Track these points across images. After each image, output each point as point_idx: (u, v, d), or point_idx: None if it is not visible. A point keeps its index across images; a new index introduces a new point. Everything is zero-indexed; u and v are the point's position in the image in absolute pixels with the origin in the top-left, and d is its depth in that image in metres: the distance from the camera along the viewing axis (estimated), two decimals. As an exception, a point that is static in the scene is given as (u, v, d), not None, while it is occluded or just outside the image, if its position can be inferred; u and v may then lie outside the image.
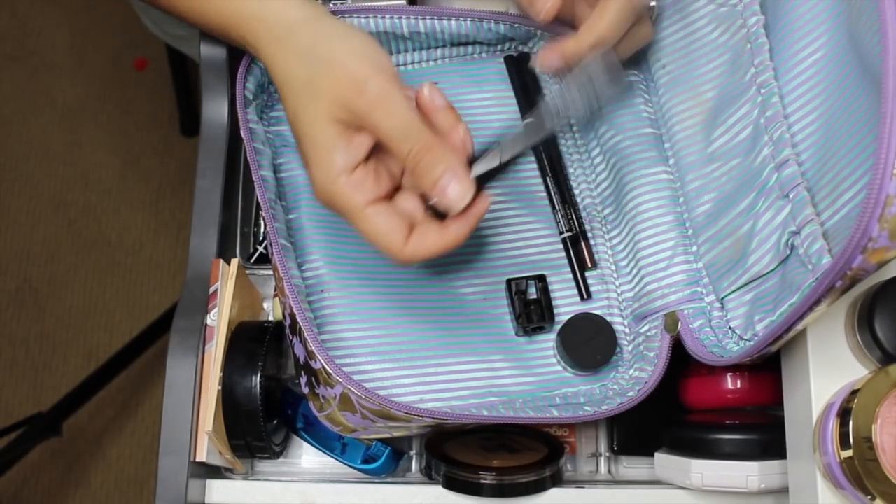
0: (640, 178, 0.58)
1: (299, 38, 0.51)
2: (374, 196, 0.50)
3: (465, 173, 0.49)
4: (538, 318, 0.58)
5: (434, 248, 0.50)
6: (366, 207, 0.50)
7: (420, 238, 0.50)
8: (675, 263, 0.56)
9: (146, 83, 1.50)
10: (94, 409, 1.36)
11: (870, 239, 0.39)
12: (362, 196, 0.50)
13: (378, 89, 0.49)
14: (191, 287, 0.59)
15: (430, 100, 0.52)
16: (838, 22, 0.47)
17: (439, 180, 0.48)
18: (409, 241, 0.50)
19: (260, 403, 0.56)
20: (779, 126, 0.51)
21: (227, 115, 0.62)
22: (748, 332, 0.52)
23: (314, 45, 0.51)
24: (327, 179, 0.50)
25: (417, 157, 0.48)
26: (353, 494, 0.58)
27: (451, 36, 0.61)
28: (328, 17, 0.53)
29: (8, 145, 1.48)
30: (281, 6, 0.52)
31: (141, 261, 1.43)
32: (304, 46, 0.51)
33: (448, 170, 0.49)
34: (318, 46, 0.51)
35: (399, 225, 0.50)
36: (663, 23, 0.59)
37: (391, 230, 0.50)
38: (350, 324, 0.56)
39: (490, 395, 0.57)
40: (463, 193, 0.49)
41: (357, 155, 0.50)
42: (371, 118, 0.49)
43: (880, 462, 0.44)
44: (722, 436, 0.54)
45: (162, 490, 0.55)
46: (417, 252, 0.50)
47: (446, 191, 0.49)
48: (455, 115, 0.52)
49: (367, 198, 0.50)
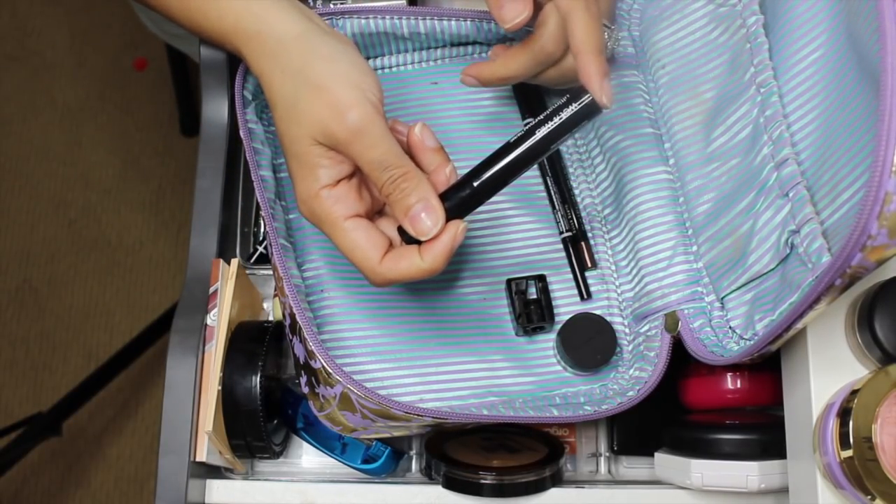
0: (640, 178, 0.58)
1: (290, 56, 0.51)
2: (354, 211, 0.50)
3: (437, 204, 0.49)
4: (538, 318, 0.58)
5: (409, 271, 0.50)
6: (345, 221, 0.50)
7: (396, 259, 0.50)
8: (675, 263, 0.56)
9: (146, 83, 1.50)
10: (94, 409, 1.36)
11: (869, 237, 0.39)
12: (342, 209, 0.50)
13: (359, 120, 0.49)
14: (191, 287, 0.59)
15: (420, 139, 0.52)
16: (837, 21, 0.47)
17: (411, 209, 0.49)
18: (385, 259, 0.50)
19: (260, 403, 0.56)
20: (778, 125, 0.51)
21: (227, 115, 0.63)
22: (748, 332, 0.52)
23: (303, 66, 0.51)
24: (310, 193, 0.50)
25: (393, 186, 0.49)
26: (353, 494, 0.58)
27: (451, 36, 0.61)
28: (320, 35, 0.52)
29: (8, 145, 1.48)
30: (274, 20, 0.52)
31: (141, 261, 1.43)
32: (293, 66, 0.51)
33: (421, 200, 0.49)
34: (306, 68, 0.51)
35: (377, 242, 0.50)
36: (662, 23, 0.59)
37: (368, 246, 0.50)
38: (350, 323, 0.56)
39: (490, 395, 0.57)
40: (433, 223, 0.49)
41: (340, 171, 0.50)
42: (351, 148, 0.49)
43: (880, 462, 0.44)
44: (722, 436, 0.54)
45: (162, 490, 0.55)
46: (392, 271, 0.50)
47: (417, 219, 0.49)
48: (444, 157, 0.52)
49: (347, 212, 0.50)
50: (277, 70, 0.52)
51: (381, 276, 0.50)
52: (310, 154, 0.50)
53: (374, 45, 0.61)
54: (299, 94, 0.50)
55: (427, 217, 0.49)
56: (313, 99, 0.50)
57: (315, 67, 0.51)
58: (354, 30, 0.59)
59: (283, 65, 0.51)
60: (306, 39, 0.52)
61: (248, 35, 0.53)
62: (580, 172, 0.62)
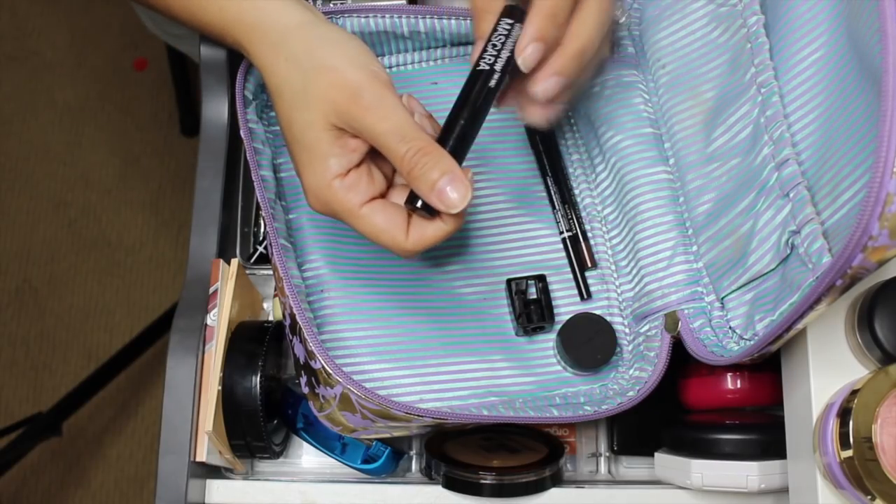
0: (640, 178, 0.58)
1: (294, 44, 0.51)
2: (368, 196, 0.50)
3: (462, 175, 0.49)
4: (538, 318, 0.58)
5: (436, 234, 0.50)
6: (361, 207, 0.50)
7: (420, 228, 0.50)
8: (675, 263, 0.56)
9: (146, 83, 1.50)
10: (94, 409, 1.36)
11: (870, 237, 0.39)
12: (357, 197, 0.50)
13: (373, 95, 0.49)
14: (191, 287, 0.59)
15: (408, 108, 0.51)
16: (838, 21, 0.47)
17: (437, 183, 0.48)
18: (410, 232, 0.50)
19: (260, 403, 0.56)
20: (779, 125, 0.51)
21: (227, 115, 0.63)
22: (748, 332, 0.52)
23: (309, 52, 0.51)
24: (322, 184, 0.50)
25: (414, 160, 0.48)
26: (353, 494, 0.58)
27: (451, 36, 0.61)
28: (323, 24, 0.53)
29: (8, 145, 1.48)
30: (276, 11, 0.52)
31: (141, 261, 1.43)
32: (298, 53, 0.51)
33: (445, 172, 0.48)
34: (312, 53, 0.50)
35: (397, 219, 0.50)
36: (663, 23, 0.59)
37: (391, 226, 0.50)
38: (350, 324, 0.56)
39: (490, 395, 0.57)
40: (461, 196, 0.48)
41: (351, 160, 0.50)
42: (366, 122, 0.49)
43: (880, 462, 0.44)
44: (722, 436, 0.54)
45: (162, 490, 0.55)
46: (421, 241, 0.50)
47: (444, 193, 0.48)
48: (436, 124, 0.52)
49: (362, 198, 0.50)
50: (282, 59, 0.51)
51: (410, 248, 0.50)
52: (321, 141, 0.50)
53: (374, 45, 0.61)
54: (308, 79, 0.50)
55: (454, 190, 0.48)
56: (323, 81, 0.49)
57: (322, 51, 0.50)
58: (354, 29, 0.59)
59: (288, 52, 0.51)
60: (310, 28, 0.52)
61: (250, 27, 0.53)
62: (580, 172, 0.62)
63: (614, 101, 0.59)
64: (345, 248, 0.58)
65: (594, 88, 0.60)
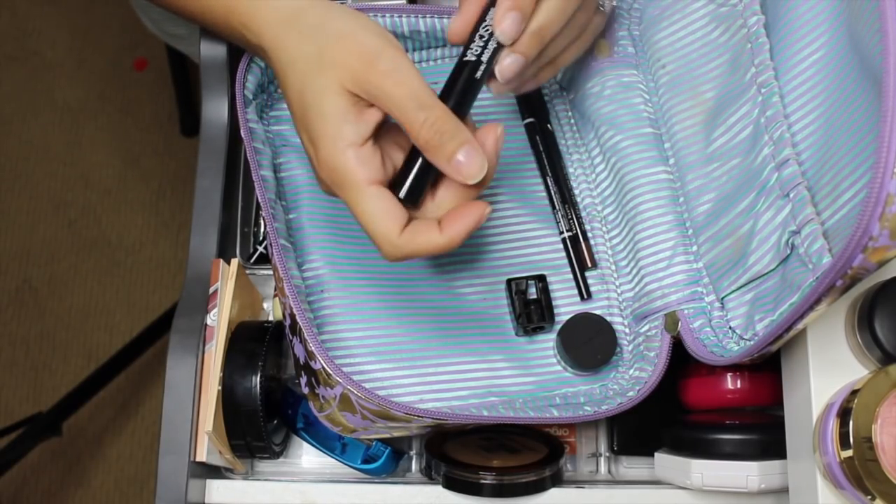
0: (640, 178, 0.58)
1: (307, 17, 0.51)
2: (378, 178, 0.49)
3: (478, 147, 0.48)
4: (538, 318, 0.58)
5: (426, 245, 0.49)
6: (368, 185, 0.49)
7: (414, 232, 0.49)
8: (675, 263, 0.56)
9: (146, 83, 1.50)
10: (94, 409, 1.36)
11: (870, 238, 0.39)
12: (366, 173, 0.49)
13: (391, 60, 0.48)
14: (191, 287, 0.59)
15: None
16: (838, 21, 0.47)
17: (455, 153, 0.47)
18: (404, 231, 0.49)
19: (260, 403, 0.56)
20: (779, 126, 0.51)
21: (227, 115, 0.62)
22: (748, 332, 0.52)
23: (324, 23, 0.50)
24: (335, 150, 0.49)
25: (432, 130, 0.47)
26: (353, 494, 0.58)
27: (452, 36, 0.61)
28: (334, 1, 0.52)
29: (8, 145, 1.48)
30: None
31: (141, 261, 1.43)
32: (312, 24, 0.51)
33: (463, 143, 0.48)
34: (327, 23, 0.50)
35: (397, 213, 0.49)
36: (663, 23, 0.59)
37: (388, 217, 0.48)
38: (350, 324, 0.56)
39: (490, 395, 0.57)
40: (479, 167, 0.48)
41: (366, 129, 0.49)
42: (384, 87, 0.48)
43: (880, 462, 0.44)
44: (722, 436, 0.53)
45: (162, 490, 0.55)
46: (409, 244, 0.49)
47: (461, 164, 0.48)
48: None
49: (372, 176, 0.49)
50: (294, 32, 0.51)
51: (398, 248, 0.49)
52: (336, 106, 0.49)
53: (374, 45, 0.61)
54: (324, 47, 0.49)
55: (472, 160, 0.48)
56: (341, 47, 0.49)
57: (337, 21, 0.50)
58: (355, 29, 0.59)
59: (302, 25, 0.51)
60: (322, 2, 0.52)
61: (256, 7, 0.52)
62: (580, 172, 0.62)
63: (614, 101, 0.59)
64: (345, 249, 0.58)
65: (594, 88, 0.60)
